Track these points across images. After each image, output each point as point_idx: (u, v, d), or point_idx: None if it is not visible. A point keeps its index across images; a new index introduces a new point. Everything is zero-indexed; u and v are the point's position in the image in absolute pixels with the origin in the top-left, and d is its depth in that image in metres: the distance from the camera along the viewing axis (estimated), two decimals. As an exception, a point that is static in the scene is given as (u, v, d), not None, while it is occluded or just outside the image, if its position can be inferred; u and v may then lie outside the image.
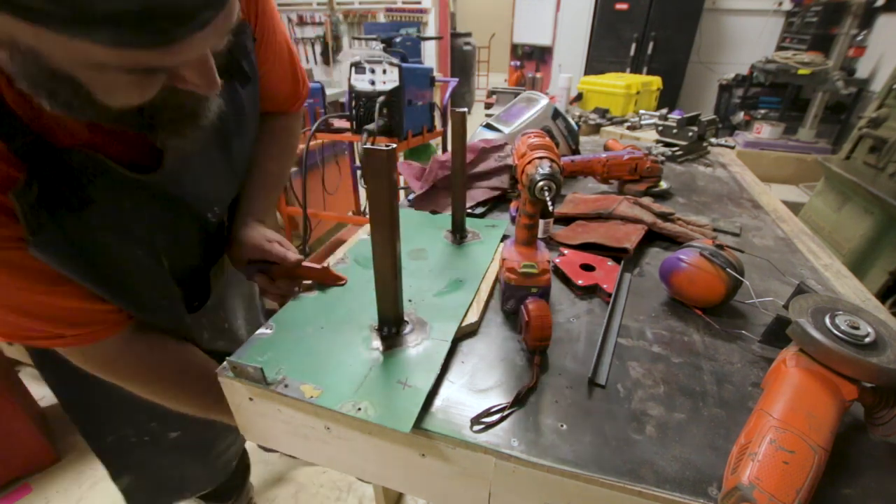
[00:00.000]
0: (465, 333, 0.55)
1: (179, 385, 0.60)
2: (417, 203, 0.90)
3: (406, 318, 0.53)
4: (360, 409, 0.41)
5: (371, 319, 0.53)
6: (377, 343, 0.50)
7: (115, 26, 0.29)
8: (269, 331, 0.52)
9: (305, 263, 0.61)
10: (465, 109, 0.63)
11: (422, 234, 0.76)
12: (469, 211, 0.89)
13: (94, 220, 0.45)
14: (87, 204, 0.44)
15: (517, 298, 0.57)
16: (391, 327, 0.51)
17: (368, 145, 0.37)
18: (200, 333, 0.68)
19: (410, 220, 0.82)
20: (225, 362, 0.46)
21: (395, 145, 0.42)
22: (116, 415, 0.75)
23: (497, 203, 0.95)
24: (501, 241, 0.74)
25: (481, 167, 0.96)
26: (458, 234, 0.75)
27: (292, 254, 0.62)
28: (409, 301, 0.57)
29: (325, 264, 0.63)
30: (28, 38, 0.29)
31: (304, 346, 0.50)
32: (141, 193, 0.49)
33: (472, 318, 0.55)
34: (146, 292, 0.55)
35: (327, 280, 0.62)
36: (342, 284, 0.62)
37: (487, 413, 0.43)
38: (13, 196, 0.39)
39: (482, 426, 0.43)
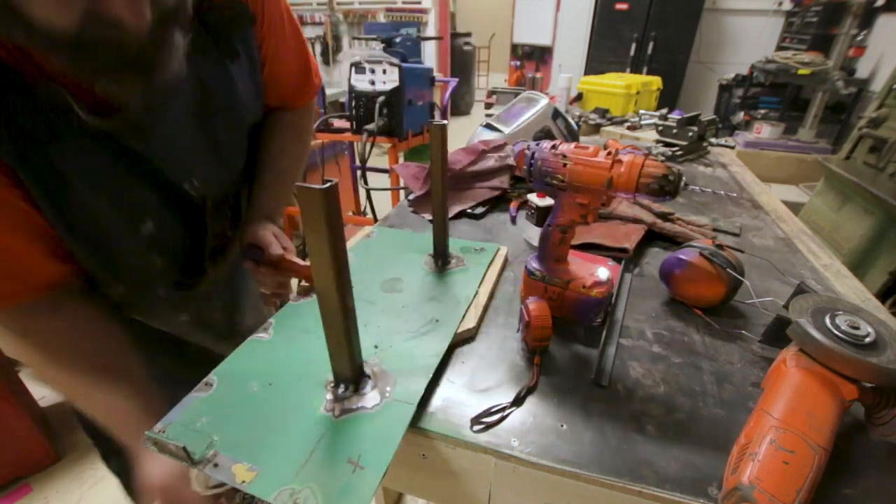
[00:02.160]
0: (463, 339, 0.54)
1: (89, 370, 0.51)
2: (416, 204, 0.90)
3: (368, 372, 0.47)
4: (297, 501, 0.35)
5: (330, 370, 0.46)
6: (330, 405, 0.43)
7: None
8: (209, 388, 0.46)
9: (289, 258, 0.60)
10: (446, 122, 0.57)
11: (399, 260, 0.69)
12: (469, 211, 0.89)
13: (60, 160, 0.44)
14: (53, 138, 0.43)
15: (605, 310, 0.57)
16: (348, 384, 0.45)
17: (302, 184, 0.33)
18: (177, 316, 0.66)
19: (387, 243, 0.75)
20: (144, 435, 0.40)
21: (335, 181, 0.33)
22: None
23: (497, 203, 0.95)
24: (488, 267, 0.67)
25: (481, 167, 0.96)
26: (440, 260, 0.67)
27: (277, 246, 0.60)
28: (376, 347, 0.51)
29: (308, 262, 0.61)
30: None
31: (246, 410, 0.43)
32: (107, 144, 0.48)
33: (470, 323, 0.55)
34: (122, 255, 0.53)
35: (311, 279, 0.60)
36: None
37: (487, 413, 0.43)
38: None
39: (482, 426, 0.43)
